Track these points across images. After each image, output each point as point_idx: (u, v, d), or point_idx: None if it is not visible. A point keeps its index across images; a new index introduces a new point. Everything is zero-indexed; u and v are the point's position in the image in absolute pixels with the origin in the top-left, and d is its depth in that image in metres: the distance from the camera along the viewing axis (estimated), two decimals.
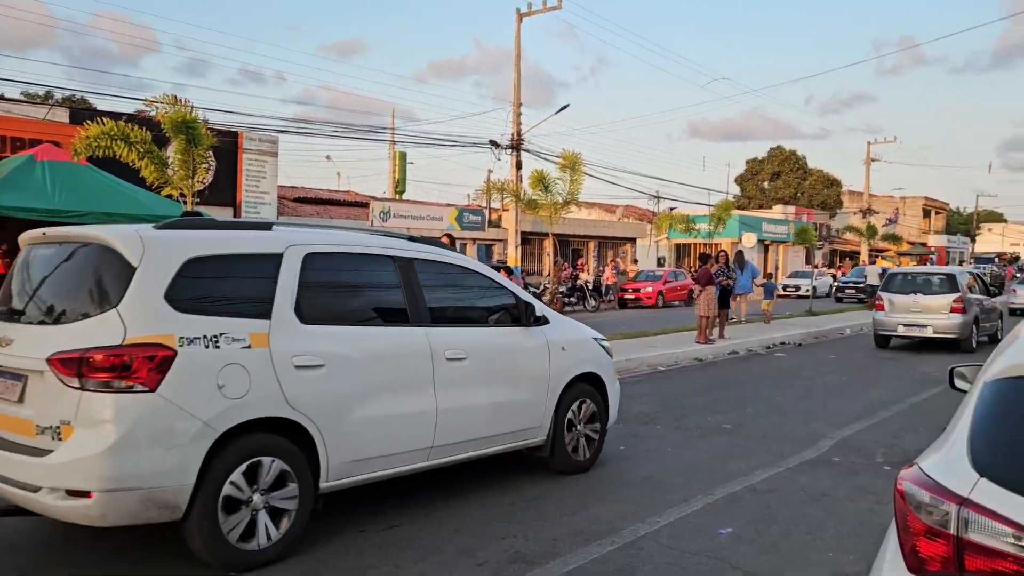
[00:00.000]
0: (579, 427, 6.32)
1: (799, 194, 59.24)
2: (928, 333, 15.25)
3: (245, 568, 4.19)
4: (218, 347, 4.17)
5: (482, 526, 5.05)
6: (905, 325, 15.46)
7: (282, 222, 6.22)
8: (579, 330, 6.65)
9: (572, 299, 26.68)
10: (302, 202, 29.16)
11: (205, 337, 4.14)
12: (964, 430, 2.10)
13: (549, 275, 26.45)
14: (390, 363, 4.99)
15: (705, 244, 34.44)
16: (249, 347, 4.28)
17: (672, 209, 40.57)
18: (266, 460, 4.29)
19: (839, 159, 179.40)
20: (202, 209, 9.71)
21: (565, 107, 27.61)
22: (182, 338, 4.06)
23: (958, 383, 3.98)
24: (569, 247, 36.01)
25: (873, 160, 48.59)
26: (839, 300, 33.31)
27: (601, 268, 34.45)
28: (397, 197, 35.34)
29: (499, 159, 26.62)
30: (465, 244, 32.25)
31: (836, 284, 33.97)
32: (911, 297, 15.53)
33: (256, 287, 4.47)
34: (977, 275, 18.41)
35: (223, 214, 21.63)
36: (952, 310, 15.05)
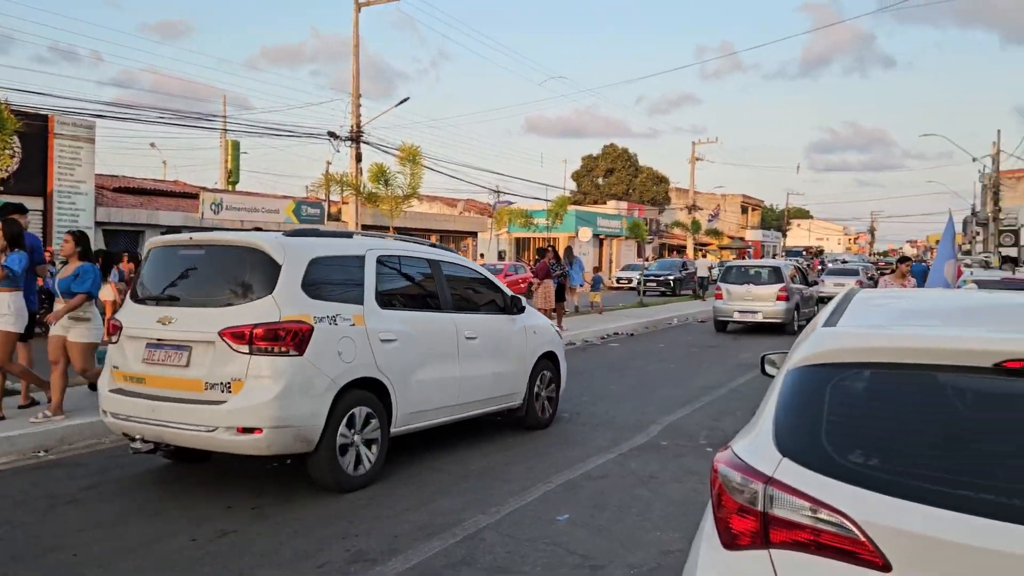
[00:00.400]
0: (543, 393, 7.94)
1: (631, 190, 61.95)
2: (759, 318, 17.42)
3: (350, 489, 5.59)
4: (336, 325, 5.55)
5: (322, 527, 4.97)
6: (740, 311, 17.61)
7: (358, 232, 7.60)
8: (542, 318, 8.38)
9: None
10: (123, 192, 27.22)
11: (328, 317, 5.52)
12: (770, 414, 2.30)
13: None
14: (433, 339, 6.49)
15: (544, 238, 35.34)
16: (353, 325, 5.69)
17: (508, 203, 41.24)
18: (363, 409, 5.71)
19: (667, 157, 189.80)
20: (7, 199, 8.86)
21: (405, 100, 27.52)
22: (315, 317, 5.42)
23: (768, 369, 4.33)
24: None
25: (697, 159, 51.55)
26: (643, 293, 31.49)
27: None
28: (230, 188, 33.76)
29: (338, 151, 26.00)
30: None
31: (640, 277, 32.50)
32: (744, 287, 17.69)
33: (352, 280, 5.90)
34: (798, 267, 20.70)
35: (33, 204, 19.84)
36: (778, 298, 17.35)
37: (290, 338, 5.24)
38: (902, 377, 2.20)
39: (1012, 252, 39.97)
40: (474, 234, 41.05)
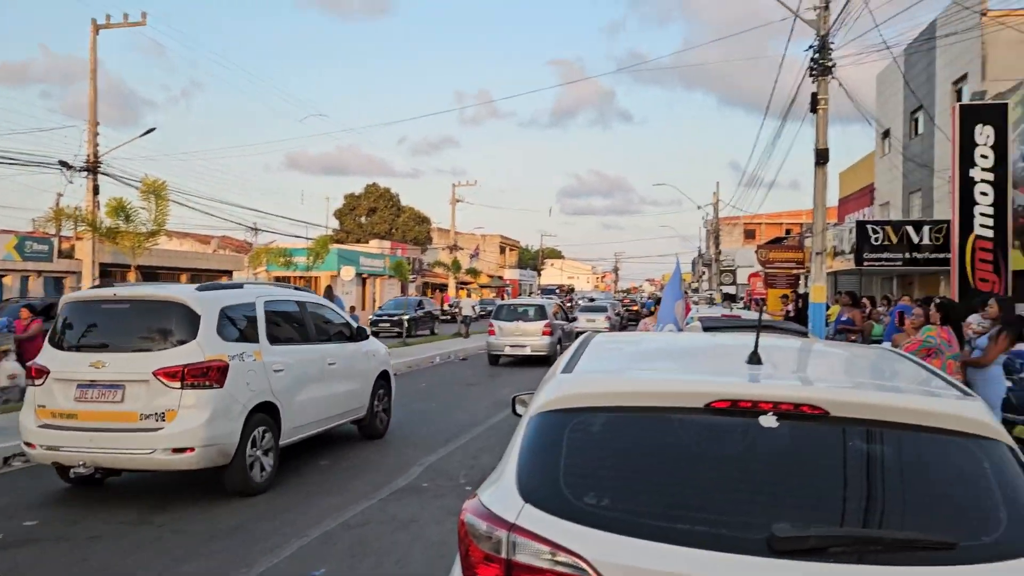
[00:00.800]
0: (379, 407, 9.62)
1: (394, 230, 62.23)
2: (527, 351, 19.43)
3: (255, 493, 6.79)
4: (244, 360, 6.81)
5: None
6: (511, 346, 19.56)
7: (249, 281, 9.17)
8: (377, 343, 9.96)
9: None
10: None
11: (238, 355, 6.77)
12: (514, 460, 2.37)
13: None
14: (307, 367, 7.90)
15: (304, 278, 34.38)
16: (255, 360, 6.98)
17: (266, 242, 39.73)
18: (262, 428, 6.98)
19: (429, 197, 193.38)
20: None
21: (151, 130, 25.55)
22: (229, 355, 6.65)
23: (518, 409, 4.48)
24: (158, 280, 33.25)
25: (458, 200, 52.84)
26: (375, 335, 31.16)
27: None
28: None
29: (71, 182, 23.54)
30: (28, 276, 28.03)
31: (371, 317, 31.51)
32: (514, 323, 19.72)
33: (249, 323, 7.18)
34: (560, 305, 23.01)
35: None
36: (543, 333, 19.56)
37: (213, 374, 6.49)
38: (630, 420, 2.35)
39: (731, 289, 45.10)
40: (229, 272, 39.01)
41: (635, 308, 47.44)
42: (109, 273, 28.12)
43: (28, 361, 7.84)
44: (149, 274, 30.42)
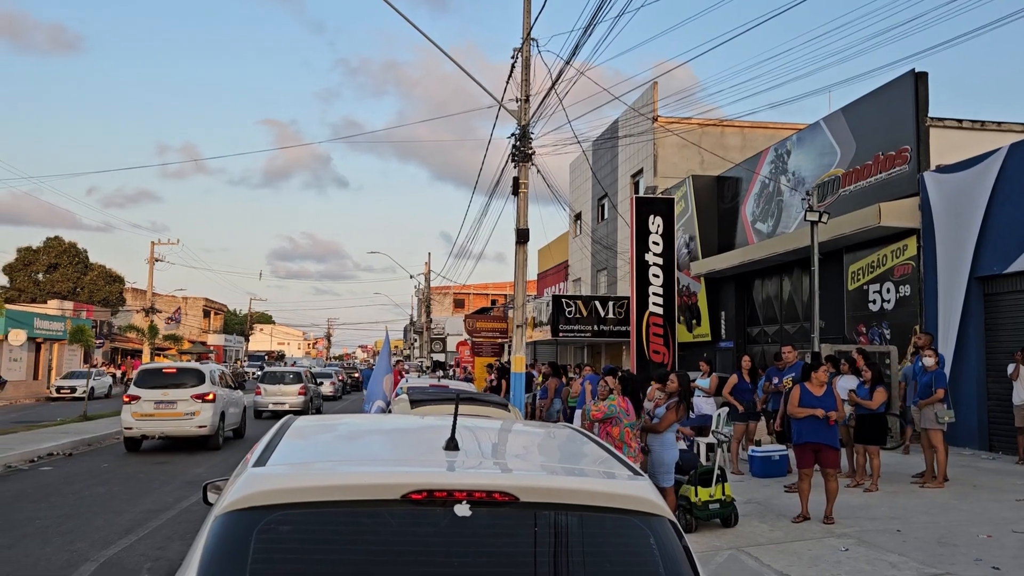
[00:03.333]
0: (242, 424, 19.21)
1: (79, 289, 55.93)
2: (287, 407, 24.74)
3: (219, 449, 16.74)
4: (219, 392, 16.93)
5: None
6: (274, 403, 25.59)
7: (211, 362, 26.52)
8: (239, 392, 19.74)
9: None
10: None
11: (217, 389, 16.84)
12: (194, 568, 2.17)
13: None
14: (230, 397, 18.03)
15: None
16: (220, 392, 17.16)
17: None
18: (221, 422, 16.97)
19: (124, 255, 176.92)
20: None
21: None
22: (216, 390, 16.77)
23: (210, 498, 4.10)
24: None
25: (157, 260, 49.00)
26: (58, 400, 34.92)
27: None
28: None
29: None
30: None
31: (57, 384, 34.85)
32: (276, 386, 26.24)
33: (217, 378, 17.60)
34: (309, 371, 31.58)
35: None
36: (299, 393, 25.92)
37: (212, 396, 16.08)
38: (326, 516, 2.25)
39: (441, 357, 46.35)
40: None
41: (356, 375, 49.13)
42: None
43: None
44: None
